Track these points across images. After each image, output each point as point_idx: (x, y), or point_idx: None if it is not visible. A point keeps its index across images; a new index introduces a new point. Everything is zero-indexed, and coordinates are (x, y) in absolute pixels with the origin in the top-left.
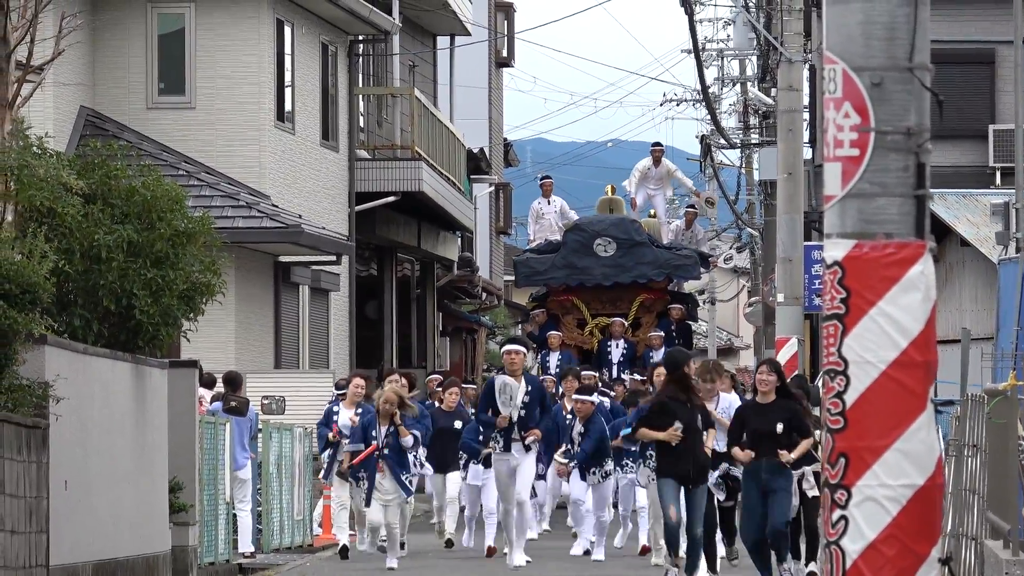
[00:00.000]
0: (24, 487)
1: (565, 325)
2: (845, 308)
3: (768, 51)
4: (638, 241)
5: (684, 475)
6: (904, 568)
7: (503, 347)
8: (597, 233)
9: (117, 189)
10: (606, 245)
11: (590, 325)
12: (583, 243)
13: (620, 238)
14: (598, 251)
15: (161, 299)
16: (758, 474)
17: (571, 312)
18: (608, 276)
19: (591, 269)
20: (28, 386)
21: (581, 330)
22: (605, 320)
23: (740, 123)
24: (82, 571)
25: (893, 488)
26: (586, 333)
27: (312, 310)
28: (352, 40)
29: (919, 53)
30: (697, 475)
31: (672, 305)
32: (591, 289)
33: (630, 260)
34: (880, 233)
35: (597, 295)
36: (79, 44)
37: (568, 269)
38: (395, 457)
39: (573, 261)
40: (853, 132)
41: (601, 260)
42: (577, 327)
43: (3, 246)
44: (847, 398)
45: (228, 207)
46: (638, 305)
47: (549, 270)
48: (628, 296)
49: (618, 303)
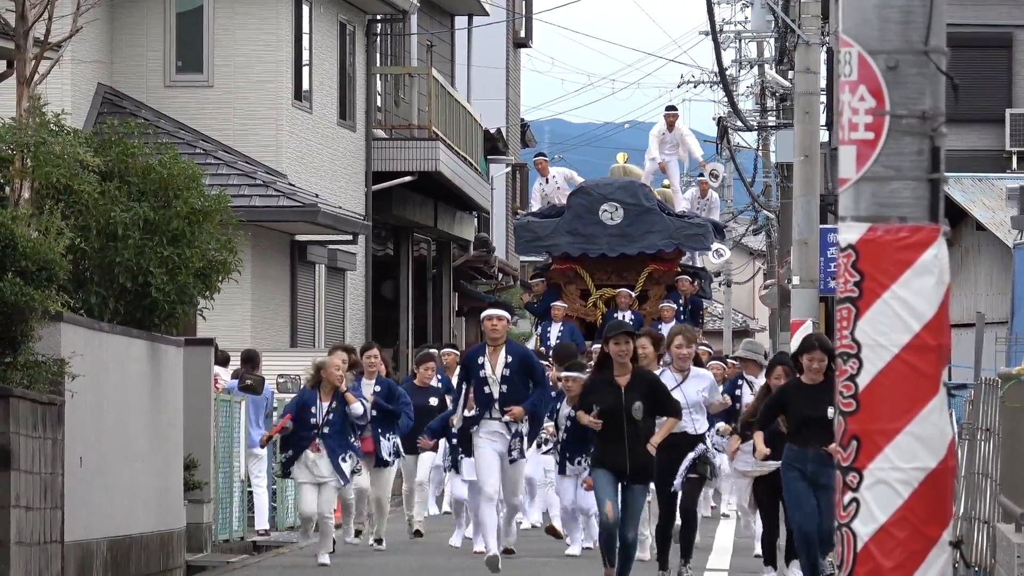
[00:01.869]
0: (39, 463)
1: (567, 295)
2: (859, 291)
3: (786, 33)
4: (647, 207)
5: (620, 470)
6: (915, 551)
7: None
8: (604, 197)
9: (134, 167)
10: (612, 212)
11: (594, 296)
12: (588, 208)
13: (628, 203)
14: (604, 218)
15: (177, 277)
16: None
17: (574, 282)
18: (614, 246)
19: (596, 238)
20: (44, 363)
21: (584, 301)
22: (610, 291)
23: (757, 105)
24: (96, 547)
25: (905, 471)
26: (589, 304)
27: (328, 289)
28: (370, 19)
29: (935, 36)
30: (634, 472)
31: (681, 277)
32: (596, 259)
33: (638, 229)
34: (894, 217)
35: (602, 264)
36: (97, 21)
37: (572, 236)
38: (336, 436)
39: (577, 227)
40: (868, 115)
41: (607, 228)
42: (580, 298)
43: (19, 223)
44: (860, 381)
45: (245, 186)
46: (646, 276)
47: (551, 236)
48: (636, 266)
49: (624, 273)
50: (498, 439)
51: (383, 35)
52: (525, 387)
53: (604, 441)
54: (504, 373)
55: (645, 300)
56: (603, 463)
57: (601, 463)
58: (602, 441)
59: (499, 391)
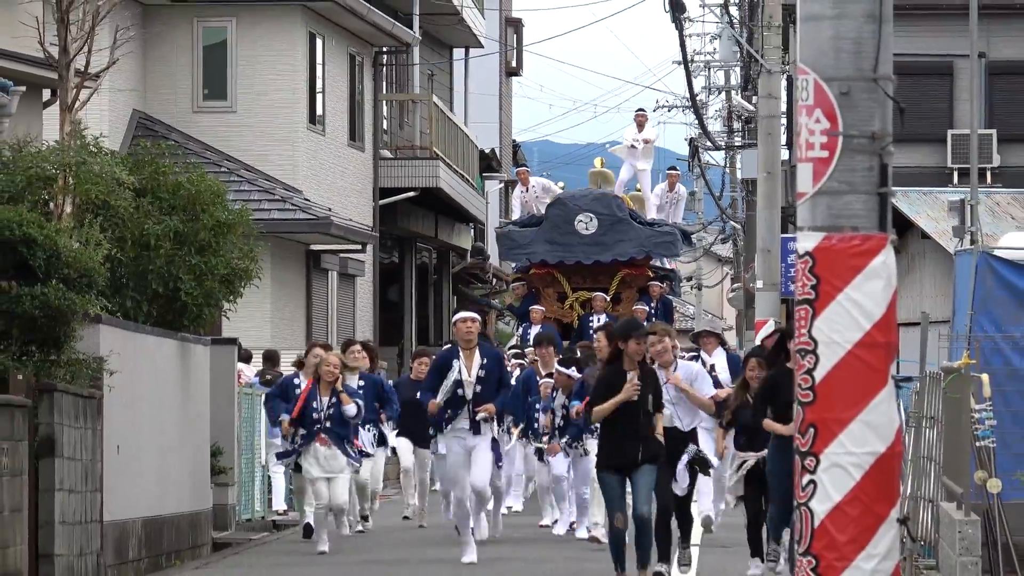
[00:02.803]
0: (81, 451)
1: (546, 298)
2: (815, 294)
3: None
4: (620, 217)
5: (631, 463)
6: (866, 527)
7: (455, 315)
8: (579, 208)
9: (165, 184)
10: (587, 222)
11: (570, 299)
12: (564, 219)
13: (602, 214)
14: (579, 228)
15: (204, 283)
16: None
17: (552, 285)
18: (589, 254)
19: (572, 246)
20: (84, 360)
21: (562, 304)
22: (586, 294)
23: (725, 127)
24: (132, 526)
25: (857, 455)
26: (566, 307)
27: (340, 293)
28: (377, 51)
29: (883, 65)
30: (645, 459)
31: (652, 282)
32: (572, 265)
33: (611, 238)
34: (847, 227)
35: (578, 270)
36: (132, 54)
37: (549, 244)
38: (338, 429)
39: (555, 236)
40: (823, 136)
41: (582, 237)
42: (558, 300)
43: (63, 235)
44: (816, 374)
45: (264, 201)
46: (619, 280)
47: (530, 244)
48: (609, 271)
49: (599, 277)
50: (467, 436)
51: (389, 65)
52: (495, 388)
53: (617, 434)
54: (479, 375)
55: (619, 302)
56: (612, 460)
57: (609, 461)
58: (614, 434)
59: (472, 392)
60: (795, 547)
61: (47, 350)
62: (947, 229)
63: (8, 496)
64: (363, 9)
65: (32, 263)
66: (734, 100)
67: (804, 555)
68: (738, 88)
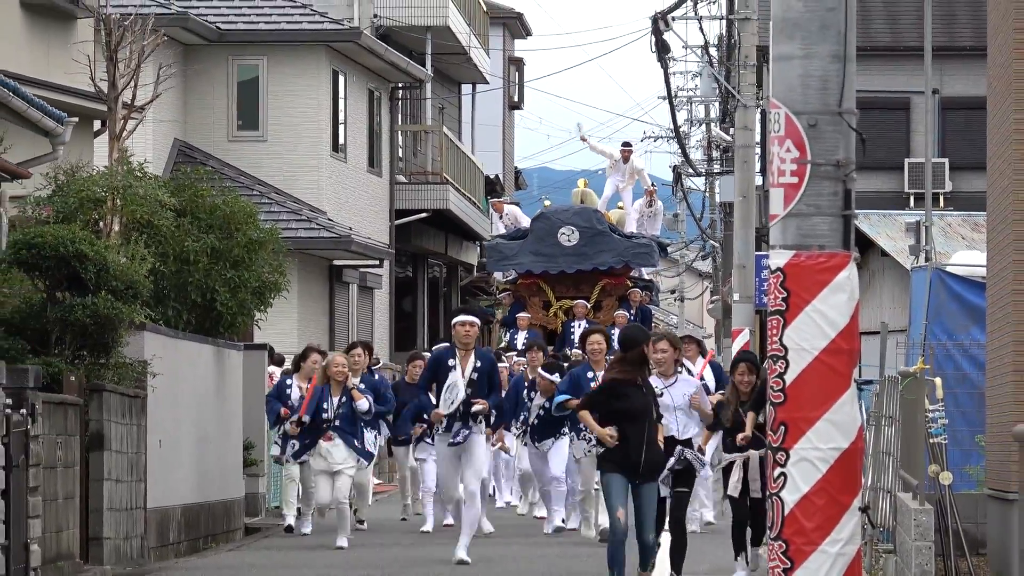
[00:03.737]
0: (127, 445)
1: (532, 306)
2: (786, 305)
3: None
4: (600, 230)
5: (633, 468)
6: (831, 515)
7: (454, 318)
8: (562, 222)
9: (203, 206)
10: (570, 235)
11: (554, 307)
12: (548, 231)
13: (583, 227)
14: (562, 240)
15: (238, 294)
16: None
17: (537, 295)
18: (571, 264)
19: (555, 256)
20: (130, 364)
21: (546, 311)
22: (569, 302)
23: (705, 156)
24: (172, 512)
25: (823, 450)
26: (551, 314)
27: (359, 304)
28: (393, 87)
29: (847, 100)
30: (647, 470)
31: (632, 289)
32: (555, 275)
33: (592, 248)
34: (815, 245)
35: (561, 279)
36: (173, 89)
37: (534, 255)
38: (347, 427)
39: (539, 248)
40: (793, 164)
41: (565, 248)
42: (543, 308)
43: (111, 251)
44: (787, 378)
45: (292, 221)
46: (599, 289)
47: (517, 255)
48: (590, 280)
49: (581, 287)
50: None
51: (404, 99)
52: (486, 389)
53: (624, 440)
54: (473, 376)
55: (600, 309)
56: (617, 464)
57: (615, 464)
58: (622, 440)
59: (464, 393)
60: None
61: (97, 354)
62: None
63: (62, 485)
64: (381, 49)
65: (83, 276)
66: (713, 131)
67: (775, 540)
68: (717, 121)
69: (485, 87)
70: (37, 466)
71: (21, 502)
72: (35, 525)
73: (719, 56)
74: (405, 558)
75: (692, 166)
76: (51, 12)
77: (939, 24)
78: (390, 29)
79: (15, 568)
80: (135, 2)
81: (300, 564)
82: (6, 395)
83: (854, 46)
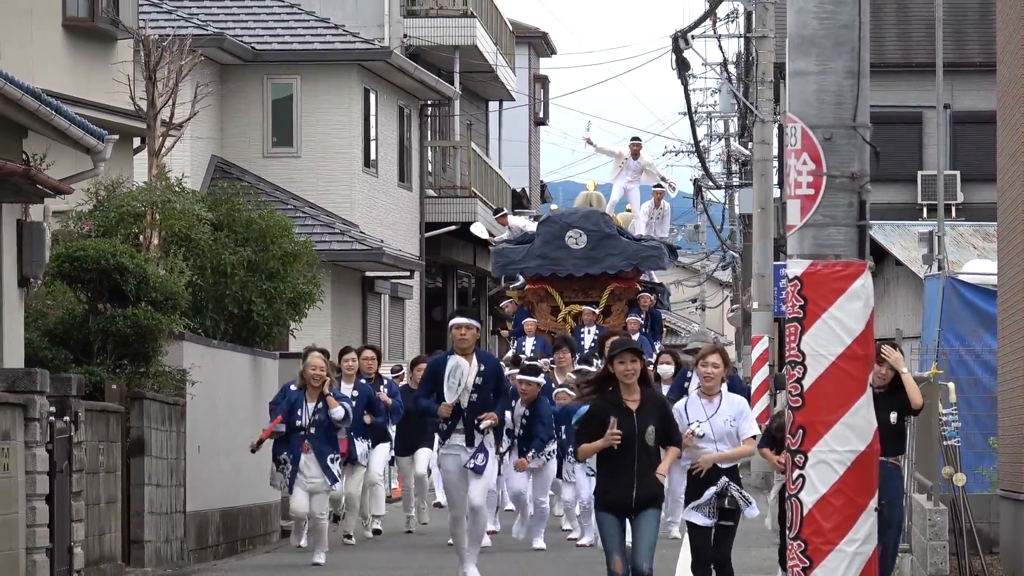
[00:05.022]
0: (167, 450)
1: (539, 312)
2: (803, 313)
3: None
4: (608, 233)
5: (626, 503)
6: (848, 515)
7: (451, 320)
8: (569, 225)
9: (239, 219)
10: (577, 237)
11: (563, 312)
12: (555, 235)
13: (591, 230)
14: (569, 243)
15: (273, 305)
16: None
17: (545, 300)
18: (579, 267)
19: (563, 260)
20: (170, 372)
21: (555, 317)
22: (577, 308)
23: (725, 169)
24: (211, 516)
25: (840, 453)
26: (559, 320)
27: (391, 314)
28: (422, 104)
29: (861, 115)
30: (641, 504)
31: (641, 294)
32: (563, 279)
33: (600, 252)
34: (831, 255)
35: (569, 284)
36: (210, 107)
37: (541, 259)
38: (323, 437)
39: (546, 252)
40: (809, 176)
41: (573, 252)
42: (551, 314)
43: (151, 263)
44: (805, 383)
45: (326, 234)
46: (608, 294)
47: (524, 259)
48: (599, 285)
49: (589, 291)
50: (460, 452)
51: (433, 116)
52: (491, 396)
53: (610, 472)
54: (476, 382)
55: (609, 315)
56: (608, 501)
57: (606, 502)
58: (608, 472)
59: (468, 400)
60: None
61: (138, 363)
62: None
63: (104, 490)
64: (411, 68)
65: (124, 288)
66: (732, 146)
67: (794, 539)
68: (736, 135)
69: (511, 104)
70: (80, 471)
71: (65, 506)
72: (78, 529)
73: (737, 73)
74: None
75: (712, 179)
76: (92, 34)
77: (950, 41)
78: (420, 49)
79: (59, 570)
80: (173, 23)
81: (339, 565)
82: (50, 403)
83: (868, 62)
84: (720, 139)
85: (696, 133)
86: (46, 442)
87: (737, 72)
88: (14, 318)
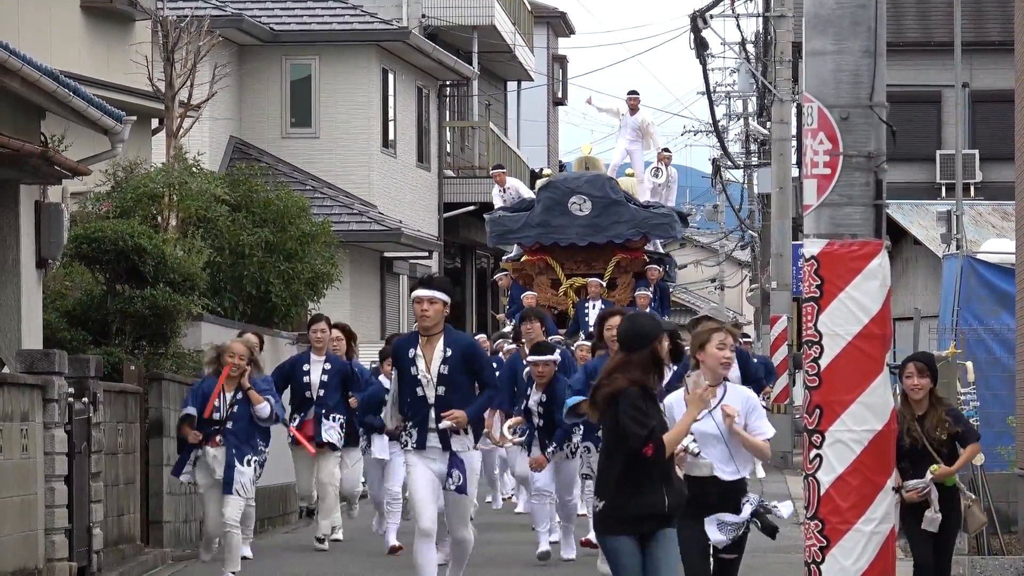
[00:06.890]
0: None
1: (539, 286)
2: (820, 292)
3: (764, 93)
4: (614, 199)
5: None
6: (866, 494)
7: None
8: (572, 190)
9: (257, 200)
10: (581, 204)
11: (564, 285)
12: (557, 201)
13: (595, 196)
14: (573, 209)
15: (291, 286)
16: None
17: (545, 272)
18: (583, 235)
19: (565, 228)
20: (188, 353)
21: (555, 291)
22: (580, 280)
23: (743, 149)
24: None
25: (857, 432)
26: (560, 294)
27: (409, 294)
28: (441, 84)
29: (878, 94)
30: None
31: (649, 266)
32: (565, 249)
33: (606, 219)
34: (847, 234)
35: (571, 255)
36: (228, 88)
37: (542, 228)
38: (241, 435)
39: (547, 219)
40: (826, 156)
41: (576, 219)
42: (551, 287)
43: (169, 244)
44: (822, 362)
45: (344, 214)
46: (614, 265)
47: (522, 228)
48: (604, 255)
49: (593, 263)
50: (437, 456)
51: (451, 96)
52: (469, 388)
53: (636, 480)
54: (441, 371)
55: (614, 288)
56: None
57: (624, 520)
58: (633, 482)
59: (435, 394)
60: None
61: (156, 344)
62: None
63: (123, 471)
64: (429, 48)
65: (142, 269)
66: (751, 125)
67: (812, 519)
68: (754, 115)
69: (530, 84)
70: (99, 452)
71: (84, 487)
72: (97, 509)
73: (756, 52)
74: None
75: (731, 159)
76: (110, 15)
77: (968, 19)
78: (438, 29)
79: (79, 551)
80: (191, 4)
81: (353, 549)
82: (68, 384)
83: (884, 41)
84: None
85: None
86: (65, 423)
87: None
88: (32, 299)
